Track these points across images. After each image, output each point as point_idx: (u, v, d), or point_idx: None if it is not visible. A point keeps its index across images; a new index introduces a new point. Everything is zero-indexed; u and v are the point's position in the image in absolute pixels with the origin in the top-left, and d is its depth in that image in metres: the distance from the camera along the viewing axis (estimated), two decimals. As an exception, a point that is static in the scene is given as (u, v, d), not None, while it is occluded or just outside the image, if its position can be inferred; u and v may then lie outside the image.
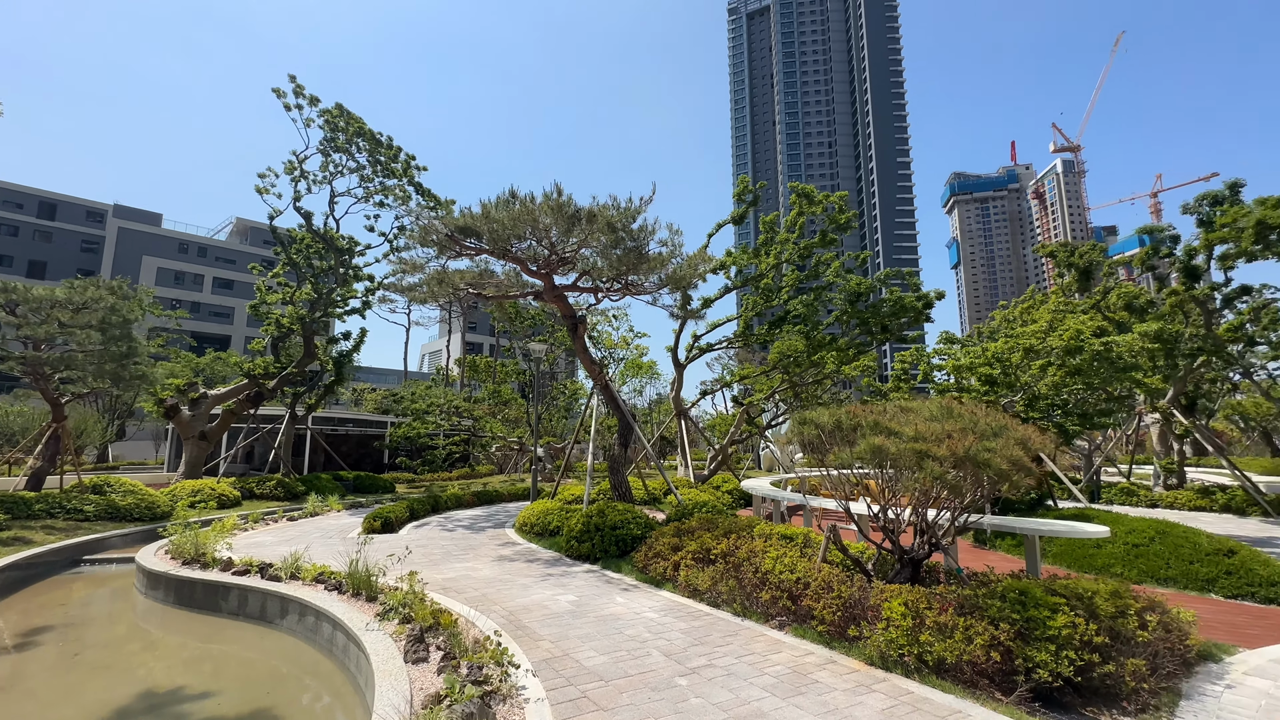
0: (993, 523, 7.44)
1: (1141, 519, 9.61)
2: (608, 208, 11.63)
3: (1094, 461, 22.03)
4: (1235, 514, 17.34)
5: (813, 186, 18.00)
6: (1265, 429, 36.57)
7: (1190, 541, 8.48)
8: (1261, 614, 7.09)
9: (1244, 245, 12.79)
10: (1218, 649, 5.65)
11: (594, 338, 46.76)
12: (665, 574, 8.34)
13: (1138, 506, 19.35)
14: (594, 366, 14.59)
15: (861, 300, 17.04)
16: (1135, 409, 21.15)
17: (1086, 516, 10.22)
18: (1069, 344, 11.78)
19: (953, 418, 5.97)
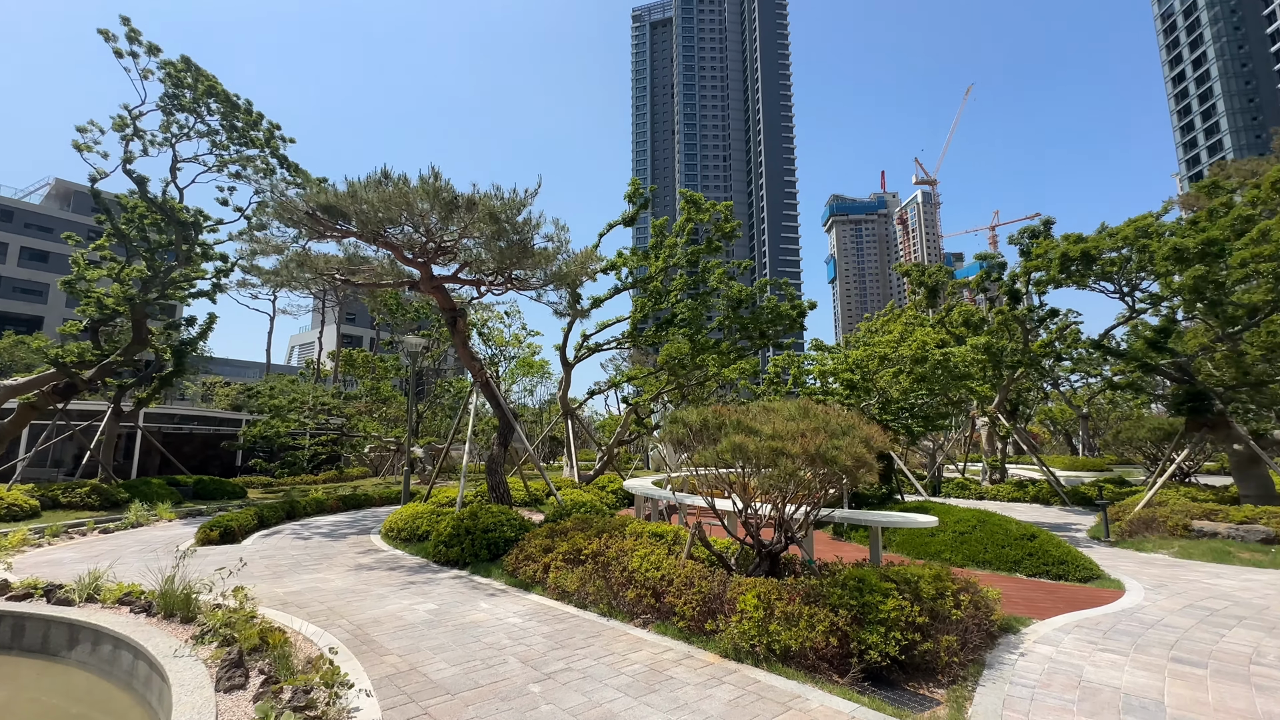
0: (844, 516, 8.02)
1: (968, 510, 10.85)
2: (490, 197, 11.17)
3: (937, 459, 24.78)
4: (1041, 504, 20.27)
5: (700, 194, 18.60)
6: (1067, 432, 43.25)
7: (1003, 529, 9.70)
8: (1053, 589, 8.23)
9: (1052, 273, 14.94)
10: (1017, 621, 6.45)
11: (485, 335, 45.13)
12: (535, 576, 8.10)
13: (969, 498, 22.01)
14: (474, 362, 13.97)
15: (743, 307, 17.88)
16: (969, 413, 24.05)
17: (924, 509, 11.38)
18: (916, 353, 13.10)
19: (808, 417, 6.32)
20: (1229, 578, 8.96)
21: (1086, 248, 13.59)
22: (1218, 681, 4.90)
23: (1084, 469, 30.93)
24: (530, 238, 12.13)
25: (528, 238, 12.07)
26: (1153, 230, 12.77)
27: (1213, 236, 11.41)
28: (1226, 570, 9.49)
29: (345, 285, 14.40)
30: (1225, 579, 8.86)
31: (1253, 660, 5.40)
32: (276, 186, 16.79)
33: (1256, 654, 5.58)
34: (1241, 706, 4.44)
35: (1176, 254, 11.76)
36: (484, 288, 13.85)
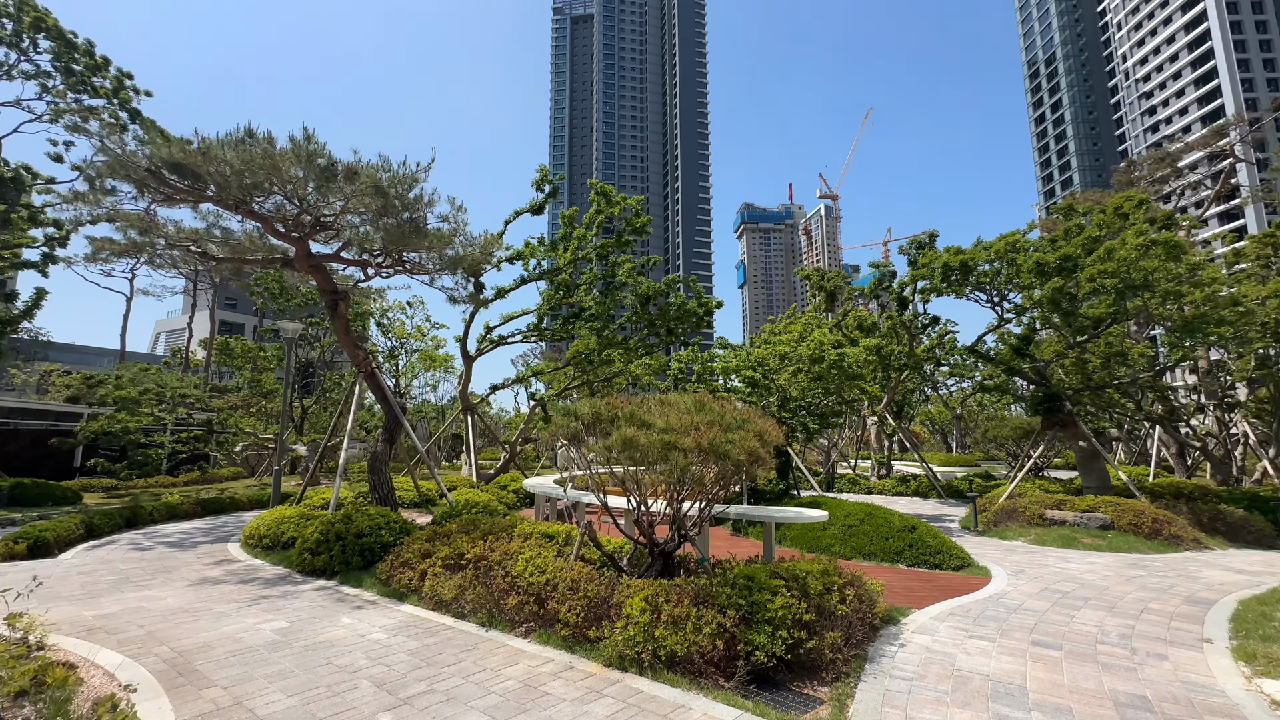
0: (739, 512, 7.93)
1: (857, 504, 11.25)
2: (376, 168, 10.14)
3: (832, 456, 26.07)
4: (921, 497, 21.82)
5: (612, 187, 18.27)
6: (944, 431, 47.32)
7: (887, 522, 10.11)
8: (930, 578, 8.62)
9: (935, 282, 16.01)
10: (898, 612, 6.60)
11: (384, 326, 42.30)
12: (411, 585, 7.34)
13: (858, 493, 23.28)
14: (357, 351, 12.74)
15: (651, 303, 17.76)
16: (861, 412, 25.49)
17: (817, 504, 11.70)
18: (813, 353, 13.52)
19: (704, 411, 6.10)
20: (1075, 561, 9.85)
21: (964, 259, 14.64)
22: (1071, 662, 5.18)
23: (957, 464, 33.84)
24: (423, 217, 11.18)
25: (420, 216, 11.12)
26: (1019, 245, 13.98)
27: (1068, 253, 12.63)
28: (1073, 555, 10.46)
29: (203, 259, 12.64)
30: (1072, 563, 9.73)
31: (1098, 640, 5.80)
32: (107, 135, 14.51)
33: (1101, 633, 6.01)
34: (1091, 686, 4.68)
35: (1039, 268, 12.93)
36: (371, 270, 12.67)
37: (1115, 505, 12.40)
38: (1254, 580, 8.51)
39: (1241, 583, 8.40)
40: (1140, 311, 13.48)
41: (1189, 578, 8.68)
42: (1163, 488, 15.09)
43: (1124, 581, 8.39)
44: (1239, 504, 12.88)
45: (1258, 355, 20.42)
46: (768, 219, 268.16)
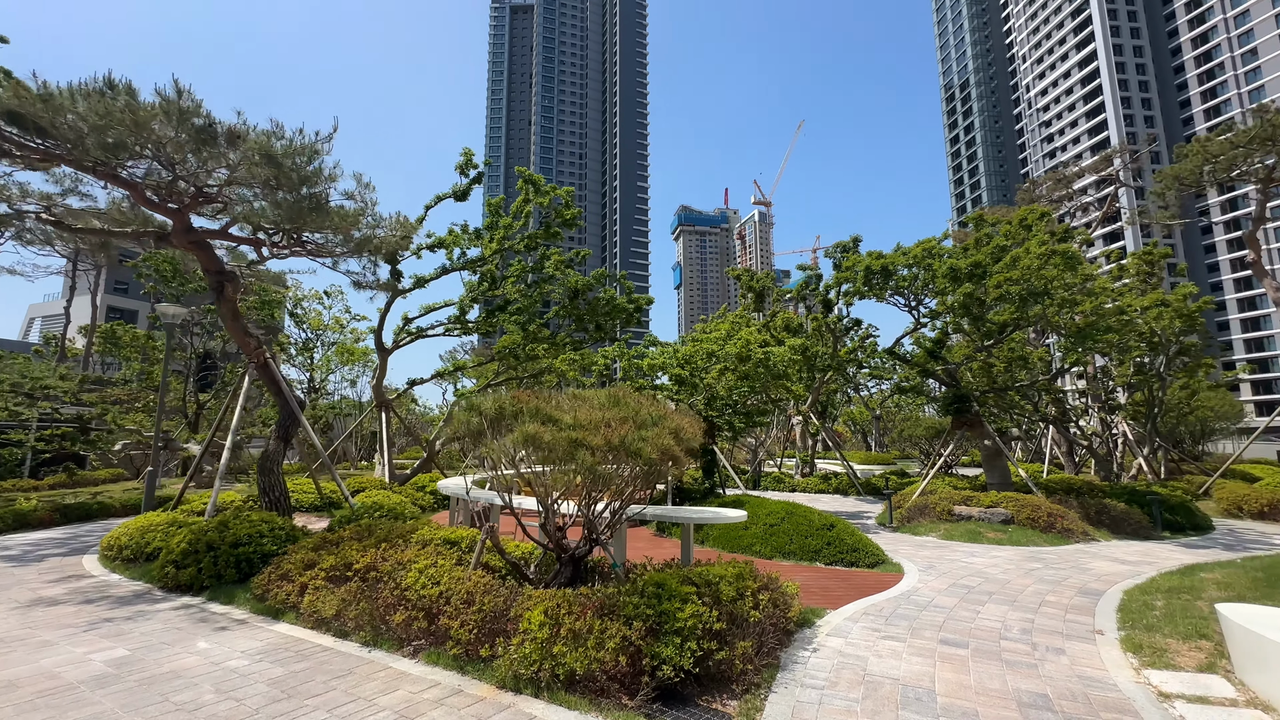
0: (655, 513, 7.60)
1: (779, 502, 11.24)
2: (268, 134, 9.09)
3: (758, 455, 26.47)
4: (841, 494, 22.50)
5: (541, 177, 17.60)
6: (864, 430, 49.50)
7: (807, 520, 10.11)
8: (847, 576, 8.64)
9: (857, 286, 16.45)
10: (813, 614, 6.47)
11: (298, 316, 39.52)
12: (289, 600, 6.52)
13: (783, 491, 23.74)
14: (247, 339, 11.49)
15: (580, 297, 17.24)
16: (787, 412, 26.03)
17: (740, 503, 11.60)
18: (740, 351, 13.48)
19: (618, 406, 5.71)
20: (980, 556, 10.22)
21: (885, 263, 15.08)
22: (978, 661, 5.16)
23: (876, 463, 35.38)
24: (324, 193, 10.18)
25: (321, 192, 10.12)
26: (935, 251, 14.54)
27: (978, 260, 13.23)
28: (978, 549, 10.88)
29: (59, 230, 11.01)
30: (978, 557, 10.09)
31: (1002, 635, 5.87)
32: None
33: (1004, 628, 6.10)
34: (996, 686, 4.64)
35: (952, 273, 13.47)
36: (267, 250, 11.45)
37: (1015, 501, 13.08)
38: (1135, 570, 9.08)
39: (1124, 573, 8.93)
40: (1039, 319, 14.32)
41: (1080, 569, 9.15)
42: (1056, 484, 16.16)
43: (1023, 575, 8.72)
44: (1120, 498, 13.93)
45: (1135, 363, 22.44)
46: (704, 222, 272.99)
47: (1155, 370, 22.04)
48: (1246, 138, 16.42)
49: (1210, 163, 17.04)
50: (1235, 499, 16.21)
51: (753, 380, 13.84)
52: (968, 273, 13.20)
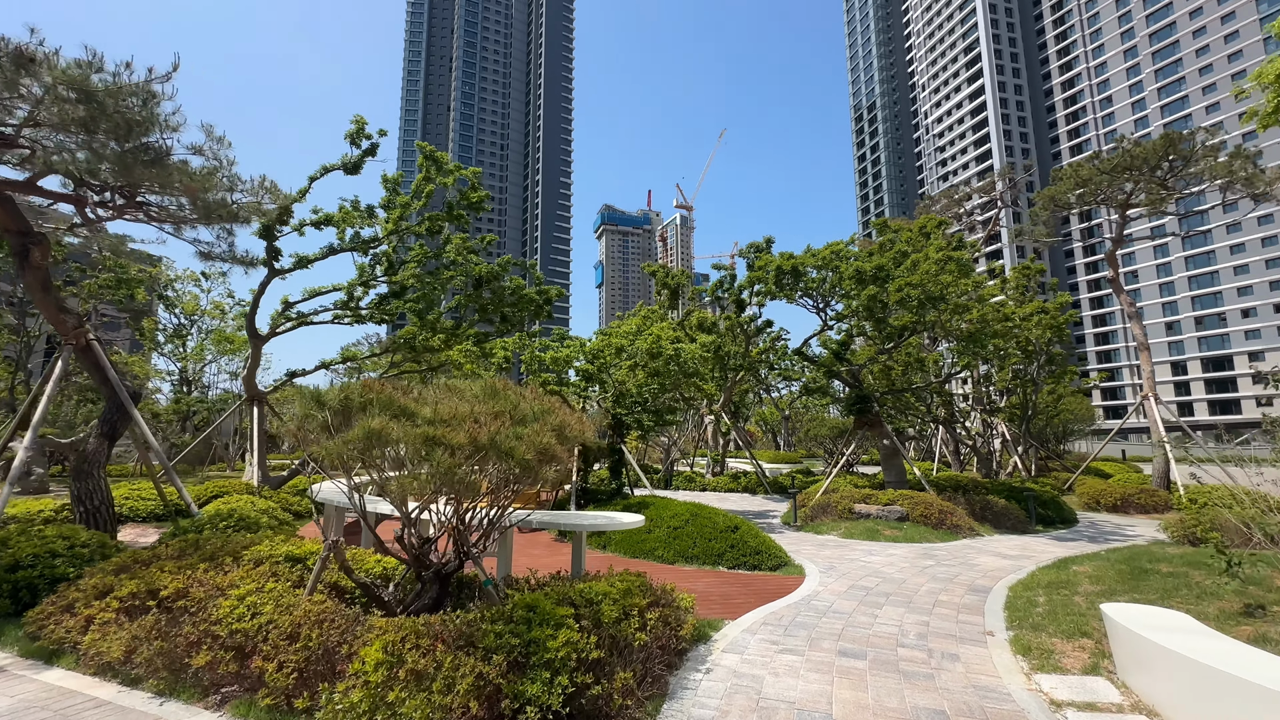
0: (542, 519, 6.85)
1: (684, 504, 10.82)
2: (83, 65, 7.46)
3: (671, 454, 26.30)
4: (750, 493, 22.73)
5: (446, 154, 16.30)
6: (774, 430, 51.13)
7: (711, 522, 9.74)
8: (749, 580, 8.30)
9: (769, 286, 16.50)
10: (710, 627, 5.99)
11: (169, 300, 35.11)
12: (70, 638, 5.17)
13: (694, 490, 23.68)
14: (62, 317, 9.54)
15: (485, 286, 16.11)
16: (700, 411, 26.04)
17: (644, 505, 11.09)
18: (651, 347, 13.02)
19: (496, 399, 4.92)
20: (878, 554, 10.30)
21: (795, 263, 15.18)
22: (876, 675, 4.85)
23: (784, 461, 36.45)
24: (164, 144, 8.58)
25: (159, 143, 8.51)
26: (843, 254, 14.81)
27: (881, 264, 13.55)
28: (876, 547, 10.99)
29: None
30: (875, 555, 10.15)
31: (899, 642, 5.65)
32: None
33: (901, 634, 5.90)
34: (894, 704, 4.32)
35: (858, 275, 13.72)
36: (90, 208, 9.55)
37: (910, 499, 13.50)
38: (1016, 565, 9.42)
39: (1007, 568, 9.24)
40: (935, 324, 14.93)
41: (968, 565, 9.38)
42: (945, 481, 17.00)
43: (918, 573, 8.78)
44: (1001, 495, 14.80)
45: (1013, 369, 24.34)
46: (627, 222, 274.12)
47: (1030, 376, 24.01)
48: (1110, 165, 18.09)
49: (1081, 186, 18.63)
50: (1094, 494, 17.79)
51: (663, 377, 13.42)
52: (871, 275, 13.49)
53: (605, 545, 10.42)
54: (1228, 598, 6.32)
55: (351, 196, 16.04)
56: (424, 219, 16.17)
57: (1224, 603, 6.19)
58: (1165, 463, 17.95)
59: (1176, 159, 17.41)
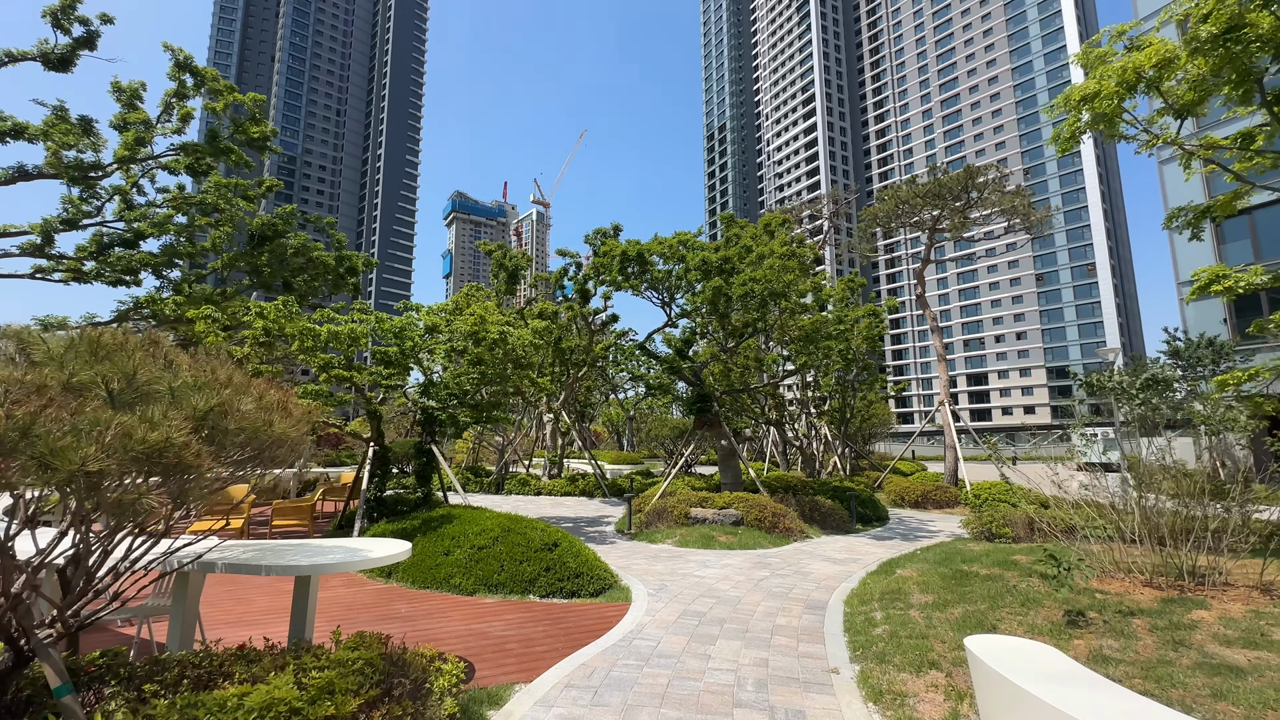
0: (233, 560, 4.53)
1: (499, 516, 8.98)
2: None
3: (505, 455, 24.05)
4: (588, 496, 21.41)
5: (214, 70, 12.59)
6: (619, 431, 50.82)
7: (525, 539, 8.03)
8: (563, 613, 6.72)
9: (613, 274, 15.26)
10: (490, 702, 4.27)
11: None
12: None
13: (528, 494, 21.76)
14: None
15: (262, 245, 12.70)
16: (539, 409, 24.16)
17: (450, 518, 9.03)
18: (473, 329, 10.96)
19: (93, 361, 2.72)
20: (713, 565, 9.37)
21: (641, 249, 14.10)
22: (706, 767, 3.51)
23: (626, 462, 35.91)
24: None
25: None
26: (690, 244, 14.04)
27: (727, 255, 12.95)
28: (711, 556, 10.11)
29: None
30: (710, 567, 9.21)
31: (736, 699, 4.42)
32: None
33: (738, 683, 4.70)
34: (731, 827, 2.97)
35: (704, 265, 12.98)
36: None
37: (745, 501, 13.03)
38: (846, 571, 9.04)
39: (839, 575, 8.80)
40: (775, 324, 14.80)
41: (802, 574, 8.78)
42: (777, 482, 17.12)
43: (754, 588, 7.91)
44: (827, 495, 15.07)
45: (836, 374, 26.06)
46: (480, 212, 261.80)
47: (850, 382, 25.85)
48: (923, 190, 19.79)
49: (900, 206, 20.17)
50: (899, 491, 19.21)
51: (488, 366, 11.40)
52: (717, 266, 12.83)
53: (390, 574, 8.20)
54: (1048, 604, 6.13)
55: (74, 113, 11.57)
56: (175, 148, 12.34)
57: (1047, 610, 5.96)
58: (955, 462, 20.01)
59: (974, 190, 19.55)
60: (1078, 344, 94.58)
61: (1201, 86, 8.23)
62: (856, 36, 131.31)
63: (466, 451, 31.48)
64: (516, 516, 8.93)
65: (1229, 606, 5.64)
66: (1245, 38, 6.97)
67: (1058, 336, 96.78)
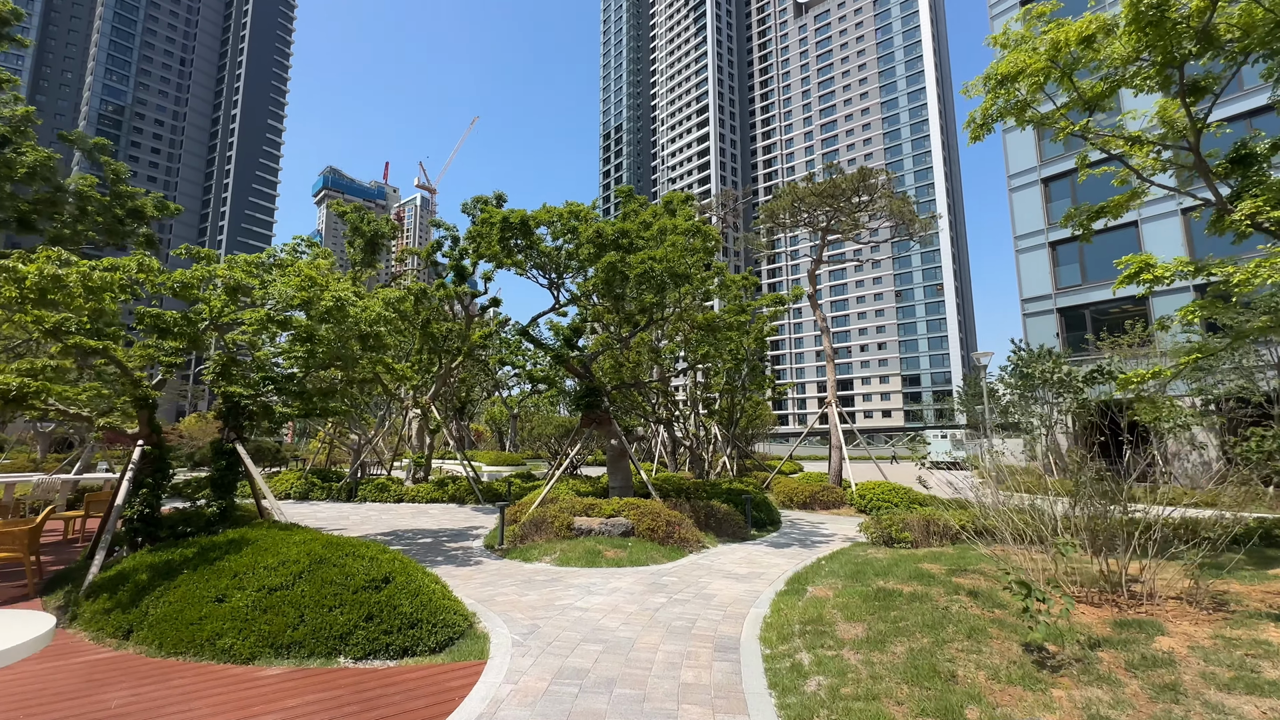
0: None
1: (311, 540, 6.61)
2: None
3: (361, 455, 20.72)
4: (458, 503, 18.85)
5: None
6: (501, 430, 47.70)
7: (345, 572, 5.82)
8: (382, 687, 4.68)
9: (492, 246, 13.08)
10: None
11: None
12: None
13: (388, 500, 18.74)
14: None
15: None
16: (404, 403, 21.13)
17: (242, 542, 6.51)
18: (302, 291, 8.37)
19: None
20: (599, 592, 7.69)
21: (527, 218, 12.12)
22: None
23: (506, 463, 33.28)
24: None
25: None
26: (583, 215, 12.28)
27: (625, 229, 11.38)
28: (597, 579, 8.43)
29: None
30: (596, 595, 7.52)
31: None
32: None
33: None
34: None
35: (597, 237, 11.30)
36: None
37: (636, 508, 11.53)
38: (753, 592, 7.78)
39: (744, 595, 7.51)
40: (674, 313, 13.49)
41: (705, 599, 7.37)
42: (669, 485, 15.85)
43: (649, 622, 6.35)
44: (721, 498, 14.02)
45: (727, 373, 25.62)
46: (356, 192, 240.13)
47: (739, 382, 25.50)
48: (820, 189, 19.66)
49: (797, 203, 19.90)
50: (787, 492, 18.81)
51: (320, 344, 8.84)
52: (613, 240, 11.20)
53: (129, 633, 5.60)
54: (996, 635, 5.15)
55: None
56: None
57: (999, 643, 4.96)
58: (840, 463, 20.08)
59: (865, 193, 19.75)
60: (927, 355, 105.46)
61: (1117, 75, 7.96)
62: (748, 55, 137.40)
63: (313, 450, 27.24)
64: (337, 540, 6.63)
65: (1187, 629, 4.97)
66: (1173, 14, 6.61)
67: (911, 348, 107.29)
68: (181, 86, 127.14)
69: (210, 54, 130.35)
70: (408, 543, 11.57)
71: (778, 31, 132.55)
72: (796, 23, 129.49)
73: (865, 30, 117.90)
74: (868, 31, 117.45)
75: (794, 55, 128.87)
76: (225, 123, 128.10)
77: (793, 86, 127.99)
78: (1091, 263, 30.31)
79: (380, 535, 12.37)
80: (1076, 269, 30.81)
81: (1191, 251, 25.72)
